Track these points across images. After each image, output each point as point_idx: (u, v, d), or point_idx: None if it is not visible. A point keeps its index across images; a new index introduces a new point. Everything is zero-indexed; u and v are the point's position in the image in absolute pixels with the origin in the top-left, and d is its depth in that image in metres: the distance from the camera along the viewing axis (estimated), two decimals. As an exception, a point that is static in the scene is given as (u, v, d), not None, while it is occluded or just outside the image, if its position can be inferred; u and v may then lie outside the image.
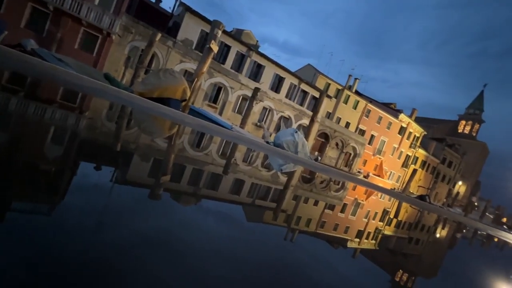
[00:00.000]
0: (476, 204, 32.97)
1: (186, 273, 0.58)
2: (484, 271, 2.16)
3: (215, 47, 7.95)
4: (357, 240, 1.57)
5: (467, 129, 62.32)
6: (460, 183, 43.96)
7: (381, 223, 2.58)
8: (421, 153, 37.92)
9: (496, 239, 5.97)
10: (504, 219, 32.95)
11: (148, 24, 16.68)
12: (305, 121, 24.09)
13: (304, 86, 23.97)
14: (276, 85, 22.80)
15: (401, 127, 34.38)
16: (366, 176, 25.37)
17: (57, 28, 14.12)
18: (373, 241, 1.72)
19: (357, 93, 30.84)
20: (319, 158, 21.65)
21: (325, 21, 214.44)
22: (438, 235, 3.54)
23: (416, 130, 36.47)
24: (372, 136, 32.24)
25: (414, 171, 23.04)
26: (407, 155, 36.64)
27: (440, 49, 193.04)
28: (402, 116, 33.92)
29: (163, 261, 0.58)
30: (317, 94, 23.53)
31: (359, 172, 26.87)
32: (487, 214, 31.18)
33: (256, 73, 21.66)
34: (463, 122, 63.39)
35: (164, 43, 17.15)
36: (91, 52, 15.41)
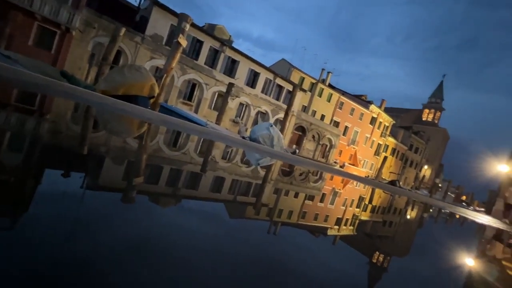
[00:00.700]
0: (440, 185, 36.01)
1: (175, 276, 0.56)
2: (449, 245, 2.38)
3: (183, 42, 7.71)
4: (337, 227, 1.64)
5: (430, 117, 67.51)
6: (425, 167, 47.63)
7: (358, 210, 2.71)
8: (391, 141, 40.35)
9: (457, 216, 6.58)
10: (464, 197, 36.35)
11: (112, 19, 15.66)
12: (282, 116, 24.38)
13: (279, 81, 24.19)
14: (252, 80, 22.75)
15: (372, 118, 36.21)
16: (342, 166, 26.46)
17: (5, 23, 12.72)
18: (351, 227, 1.81)
19: (330, 86, 31.81)
20: (297, 151, 22.12)
21: (298, 16, 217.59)
22: (408, 216, 3.82)
23: (385, 119, 38.64)
24: (346, 127, 33.60)
25: (385, 158, 24.52)
26: (378, 143, 38.78)
27: (406, 43, 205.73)
28: (372, 107, 35.70)
29: (149, 266, 0.56)
30: (292, 88, 23.88)
31: (335, 162, 27.95)
32: (449, 193, 34.21)
33: (231, 68, 21.42)
34: (427, 110, 68.53)
35: (131, 39, 16.24)
36: (49, 49, 14.14)
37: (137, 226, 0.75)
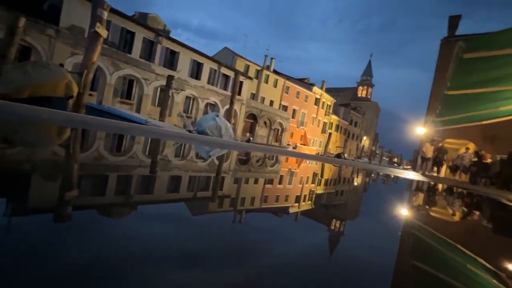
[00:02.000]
0: (377, 152, 41.46)
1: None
2: (388, 201, 2.77)
3: (102, 31, 6.84)
4: (297, 204, 1.75)
5: (364, 93, 76.10)
6: (364, 138, 53.88)
7: (313, 185, 2.93)
8: (334, 118, 44.21)
9: (392, 176, 7.69)
10: (395, 159, 42.72)
11: (11, 9, 12.86)
12: (233, 106, 24.21)
13: (224, 70, 23.77)
14: (196, 71, 21.82)
15: (316, 99, 38.88)
16: (295, 147, 28.01)
17: None
18: (309, 202, 1.95)
19: (275, 72, 32.71)
20: (251, 138, 22.47)
21: (236, 3, 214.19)
22: (355, 183, 4.30)
23: (327, 99, 41.94)
24: (294, 110, 35.39)
25: (330, 134, 26.87)
26: (324, 122, 42.08)
27: (337, 27, 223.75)
28: (315, 88, 38.23)
29: (115, 284, 0.50)
30: (234, 75, 23.77)
31: (288, 144, 29.38)
32: (384, 158, 39.65)
33: (171, 60, 20.10)
34: (361, 87, 76.97)
35: (42, 32, 13.69)
36: None
37: (92, 245, 0.66)
